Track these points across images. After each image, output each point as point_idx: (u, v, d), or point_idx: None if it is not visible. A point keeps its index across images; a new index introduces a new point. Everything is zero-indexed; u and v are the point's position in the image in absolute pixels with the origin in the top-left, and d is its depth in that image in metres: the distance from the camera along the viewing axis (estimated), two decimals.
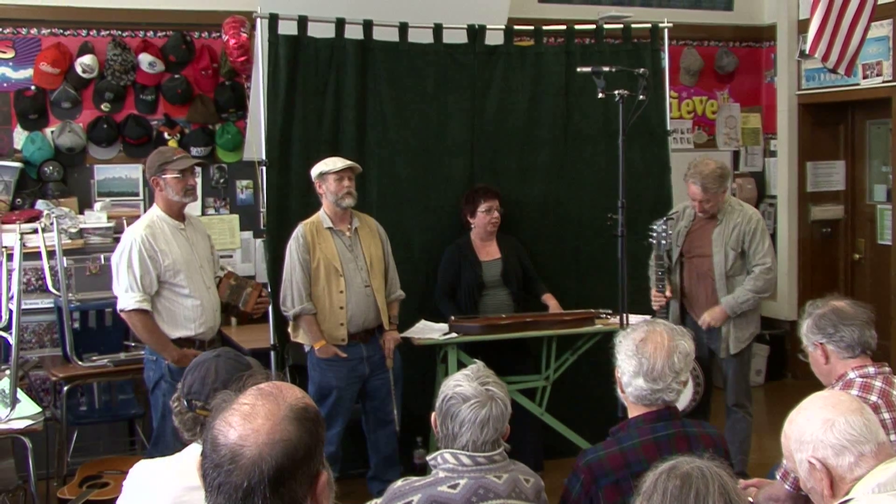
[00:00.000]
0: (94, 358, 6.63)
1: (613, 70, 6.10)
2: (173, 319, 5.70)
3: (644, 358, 3.48)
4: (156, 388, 5.72)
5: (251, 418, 2.01)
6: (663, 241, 6.36)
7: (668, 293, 6.52)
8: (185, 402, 3.23)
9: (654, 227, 6.41)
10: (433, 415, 3.39)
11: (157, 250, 5.61)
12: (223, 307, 6.06)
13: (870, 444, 2.83)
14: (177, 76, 7.85)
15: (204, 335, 5.79)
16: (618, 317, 6.13)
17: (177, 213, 5.80)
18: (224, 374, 3.17)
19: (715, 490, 2.28)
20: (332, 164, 6.11)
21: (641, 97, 5.99)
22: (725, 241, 6.43)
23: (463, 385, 3.33)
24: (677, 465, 2.36)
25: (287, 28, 6.66)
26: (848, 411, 2.88)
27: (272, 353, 6.57)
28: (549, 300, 6.96)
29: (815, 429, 2.88)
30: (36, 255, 6.63)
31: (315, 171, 6.13)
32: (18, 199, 7.37)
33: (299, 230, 6.11)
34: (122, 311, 5.63)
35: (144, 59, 7.70)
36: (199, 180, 7.48)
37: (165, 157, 5.76)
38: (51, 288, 6.68)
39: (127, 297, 5.57)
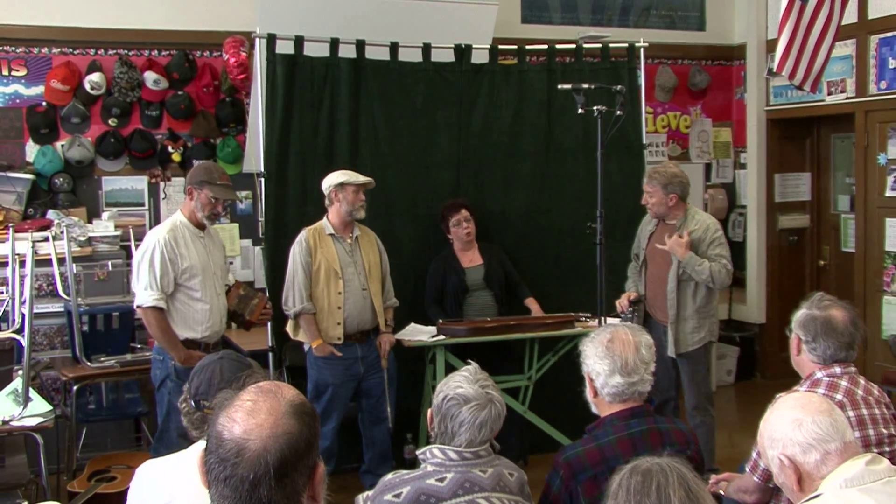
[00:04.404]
0: (102, 359, 6.62)
1: (592, 87, 6.14)
2: (184, 321, 5.71)
3: (616, 356, 3.50)
4: (161, 386, 5.74)
5: (254, 414, 2.02)
6: (632, 321, 6.38)
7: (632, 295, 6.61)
8: (193, 403, 3.25)
9: (627, 314, 6.53)
10: (429, 412, 3.40)
11: (178, 254, 5.63)
12: (229, 314, 6.07)
13: (835, 442, 2.84)
14: (180, 93, 7.86)
15: (209, 338, 5.80)
16: (596, 320, 6.16)
17: (198, 222, 5.81)
18: (228, 375, 3.18)
19: (674, 480, 2.33)
20: (355, 177, 6.14)
21: (619, 112, 6.03)
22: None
23: (464, 387, 3.33)
24: (638, 464, 2.41)
25: (284, 47, 6.68)
26: (816, 412, 2.89)
27: (270, 355, 6.58)
28: (532, 304, 7.00)
29: (785, 427, 2.90)
30: (47, 262, 6.64)
31: (334, 180, 6.12)
32: (30, 209, 7.37)
33: (302, 235, 6.14)
34: (139, 306, 5.66)
35: (149, 76, 7.71)
36: None
37: (211, 176, 5.77)
38: (61, 293, 6.69)
39: (145, 294, 5.58)
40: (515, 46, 7.52)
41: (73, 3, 7.55)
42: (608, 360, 3.52)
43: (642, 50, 7.64)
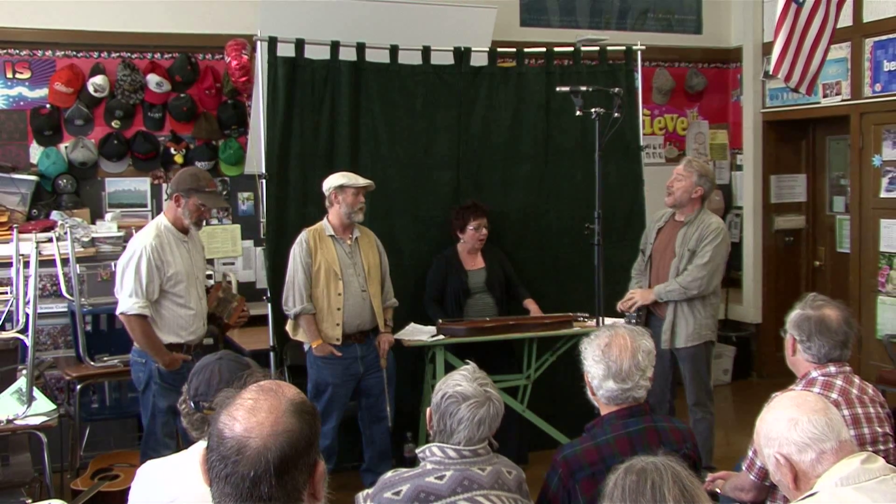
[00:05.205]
0: (105, 358, 6.63)
1: (590, 89, 6.14)
2: (169, 327, 5.65)
3: (611, 361, 3.50)
4: (146, 389, 5.68)
5: (255, 412, 2.03)
6: (634, 321, 6.39)
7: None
8: (193, 404, 3.24)
9: (630, 314, 6.53)
10: (428, 410, 3.40)
11: (164, 260, 5.57)
12: (208, 316, 6.04)
13: (831, 441, 2.84)
14: (182, 95, 7.86)
15: (192, 342, 5.76)
16: (594, 320, 6.15)
17: (182, 227, 5.76)
18: (227, 375, 3.18)
19: (669, 479, 2.33)
20: (354, 179, 6.12)
21: (616, 115, 6.01)
22: (686, 243, 6.41)
23: (463, 385, 3.34)
24: (633, 464, 2.42)
25: (285, 50, 6.67)
26: (812, 411, 2.90)
27: (271, 354, 6.57)
28: (531, 304, 6.99)
29: (781, 427, 2.91)
30: (51, 263, 6.64)
31: (334, 182, 6.11)
32: (34, 210, 7.38)
33: (303, 236, 6.13)
34: (122, 314, 5.58)
35: (152, 79, 7.71)
36: None
37: (199, 184, 5.69)
38: (65, 293, 6.68)
39: (129, 301, 5.51)
40: (514, 49, 7.51)
41: (77, 6, 7.54)
42: (603, 364, 3.52)
43: (639, 53, 7.63)
